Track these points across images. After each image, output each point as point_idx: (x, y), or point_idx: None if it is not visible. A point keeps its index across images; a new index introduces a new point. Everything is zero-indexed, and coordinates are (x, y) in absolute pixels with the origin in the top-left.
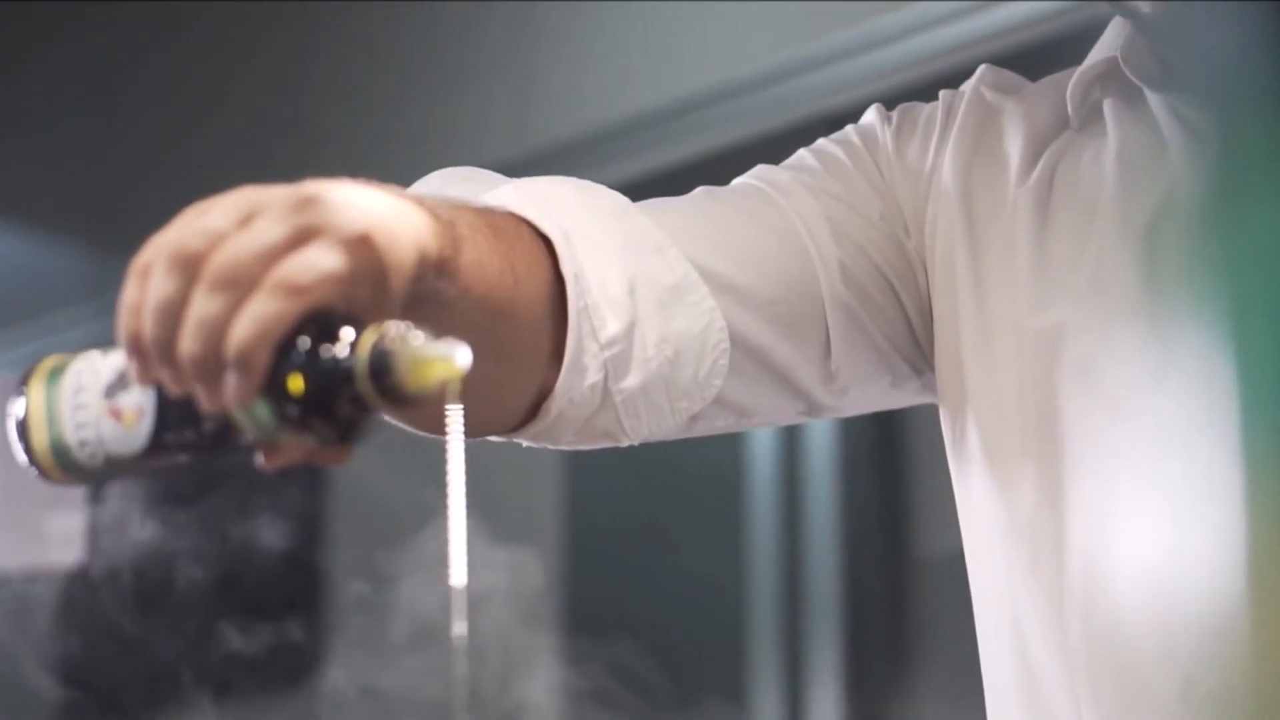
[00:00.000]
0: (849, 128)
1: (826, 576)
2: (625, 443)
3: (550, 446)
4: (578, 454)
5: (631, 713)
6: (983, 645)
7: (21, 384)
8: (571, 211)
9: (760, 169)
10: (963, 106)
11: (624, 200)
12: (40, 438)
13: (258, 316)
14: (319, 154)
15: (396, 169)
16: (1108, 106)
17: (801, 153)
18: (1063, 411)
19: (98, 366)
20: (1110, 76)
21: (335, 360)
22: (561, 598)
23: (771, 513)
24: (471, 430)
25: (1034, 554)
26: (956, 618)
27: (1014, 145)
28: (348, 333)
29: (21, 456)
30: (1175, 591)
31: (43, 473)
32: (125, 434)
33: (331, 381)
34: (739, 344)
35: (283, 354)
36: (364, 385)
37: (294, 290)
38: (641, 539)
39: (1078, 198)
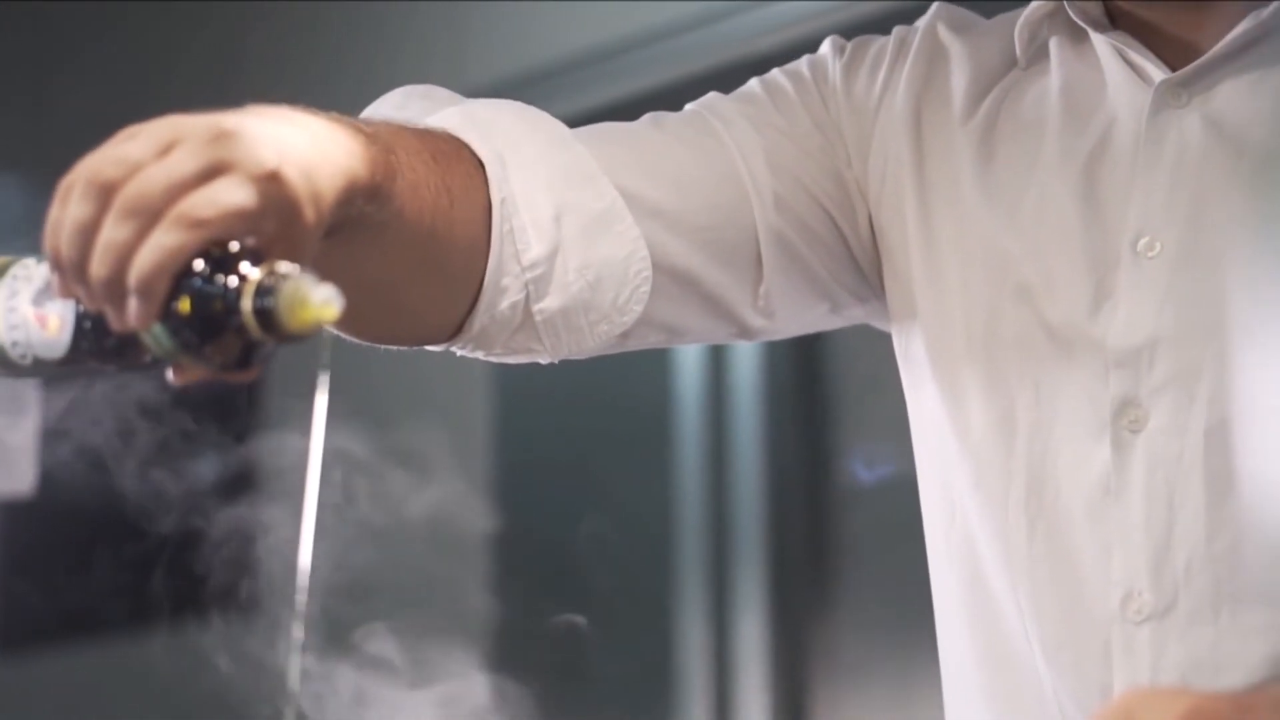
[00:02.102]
0: (803, 58)
1: (751, 505)
2: (546, 359)
3: (481, 357)
4: (507, 389)
5: (559, 641)
6: (932, 560)
7: None
8: (509, 136)
9: (710, 97)
10: (915, 42)
11: (563, 128)
12: None
13: (159, 246)
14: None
15: (337, 109)
16: (1053, 45)
17: (752, 82)
18: (1005, 335)
19: (31, 272)
20: (1056, 16)
21: (223, 293)
22: (490, 530)
23: (697, 443)
24: (408, 340)
25: (979, 470)
26: (877, 544)
27: (960, 84)
28: (243, 267)
29: None
30: (1114, 509)
31: None
32: (49, 340)
33: (219, 313)
34: (666, 269)
35: (182, 281)
36: (248, 319)
37: (195, 223)
38: (569, 470)
39: (1022, 132)
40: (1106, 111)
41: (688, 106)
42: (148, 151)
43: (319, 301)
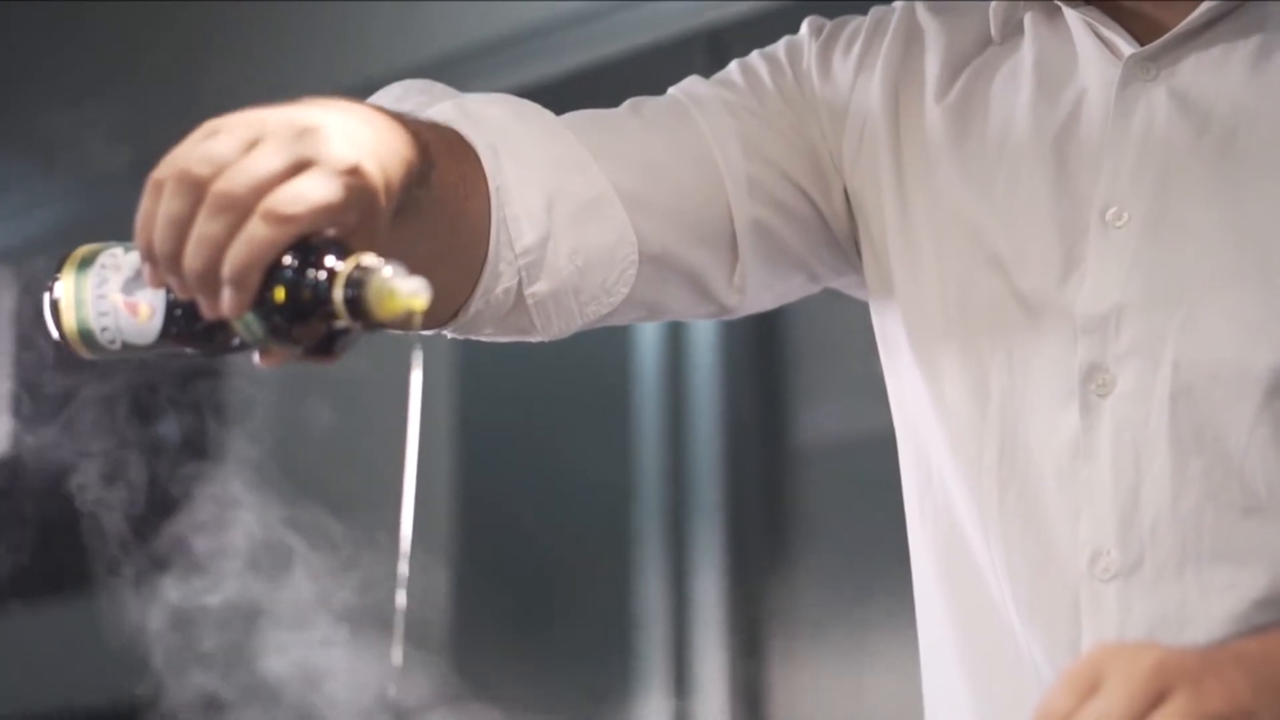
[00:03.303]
0: (782, 41)
1: (709, 466)
2: (537, 338)
3: (471, 338)
4: (468, 356)
5: (520, 602)
6: (910, 524)
7: (56, 270)
8: (502, 128)
9: (689, 81)
10: (893, 22)
11: (552, 117)
12: (70, 319)
13: (251, 240)
14: (203, 72)
15: (281, 85)
16: (1028, 20)
17: (732, 66)
18: (979, 305)
19: (120, 261)
20: None
21: (315, 284)
22: (453, 494)
23: (656, 405)
24: (419, 325)
25: (954, 435)
26: (832, 503)
27: (935, 63)
28: (330, 259)
29: (54, 333)
30: (1083, 471)
31: (70, 349)
32: (139, 327)
33: (311, 302)
34: (647, 252)
35: (273, 272)
36: (338, 308)
37: (285, 218)
38: (531, 432)
39: (996, 106)
40: (1078, 84)
41: (669, 91)
42: (234, 148)
43: (408, 292)
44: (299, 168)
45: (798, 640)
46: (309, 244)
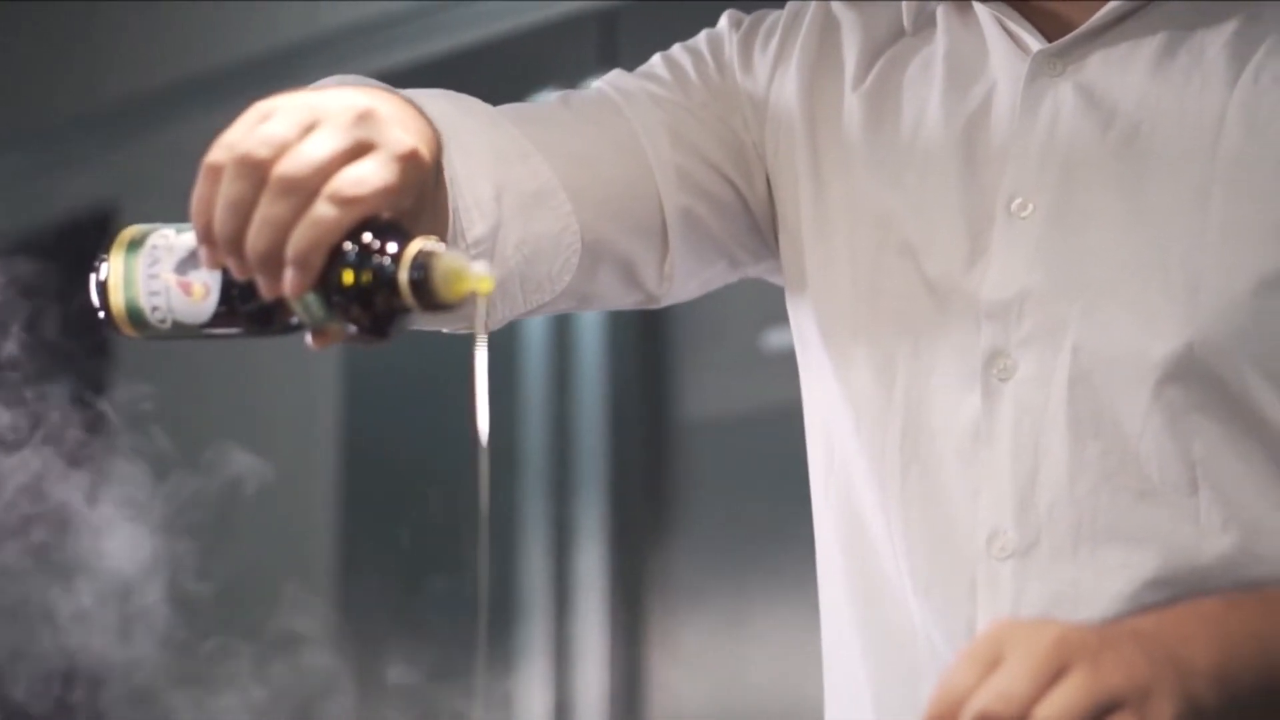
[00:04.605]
0: (701, 34)
1: (592, 437)
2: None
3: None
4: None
5: (402, 567)
6: (815, 502)
7: (103, 252)
8: (448, 119)
9: (614, 75)
10: (808, 16)
11: (491, 109)
12: (118, 299)
13: (317, 221)
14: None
15: (132, 73)
16: (940, 13)
17: (655, 59)
18: (888, 290)
19: (172, 242)
20: None
21: (381, 265)
22: (335, 458)
23: (541, 379)
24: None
25: (860, 416)
26: (713, 476)
27: (851, 53)
28: (392, 242)
29: (100, 314)
30: (983, 453)
31: (116, 328)
32: (192, 306)
33: (376, 284)
34: (585, 241)
35: (334, 253)
36: (404, 290)
37: (350, 201)
38: (414, 402)
39: (910, 96)
40: (988, 77)
41: (593, 84)
42: (292, 131)
43: (475, 275)
44: (360, 151)
45: (677, 611)
46: (369, 226)
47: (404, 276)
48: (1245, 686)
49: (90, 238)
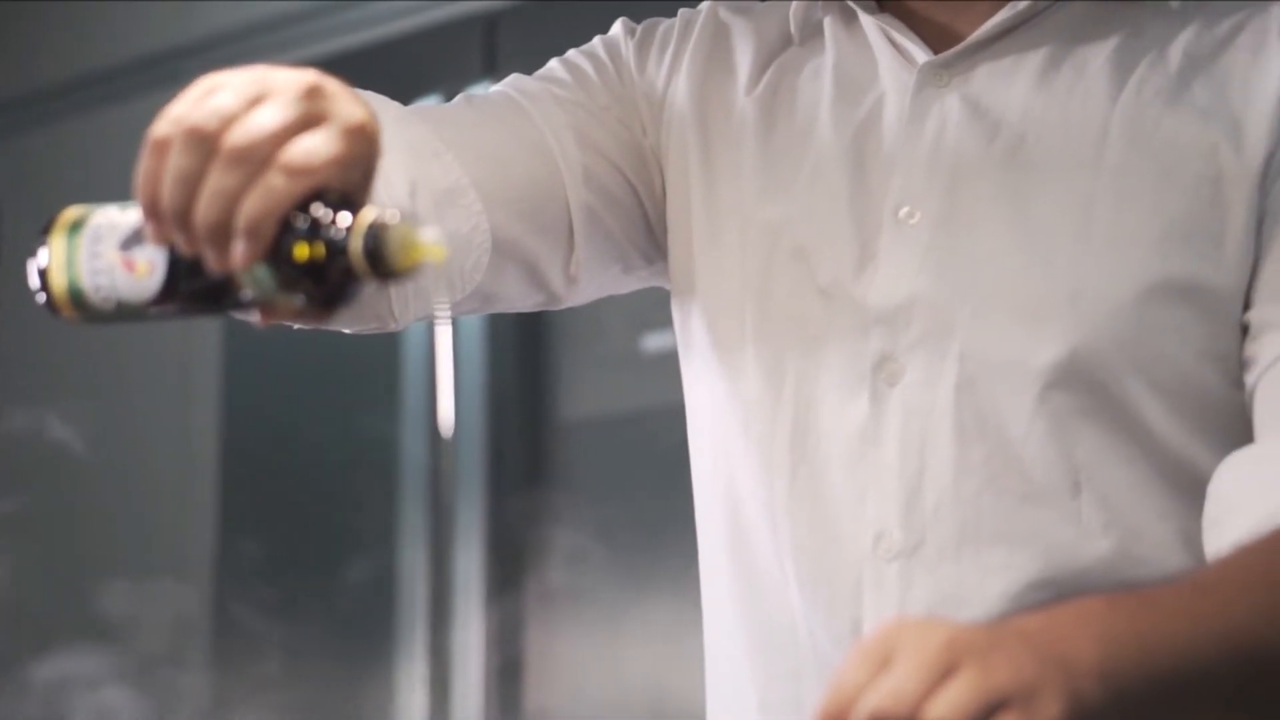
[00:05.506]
0: (596, 40)
1: (472, 437)
2: (393, 327)
3: (324, 328)
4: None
5: (281, 567)
6: (698, 503)
7: (43, 234)
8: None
9: (514, 78)
10: (699, 23)
11: (401, 106)
12: (59, 281)
13: (268, 191)
14: None
15: (14, 73)
16: (827, 25)
17: (553, 63)
18: (779, 294)
19: (116, 220)
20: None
21: (333, 236)
22: (215, 457)
23: (422, 378)
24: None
25: (748, 418)
26: (592, 476)
27: (744, 58)
28: (343, 212)
29: (41, 298)
30: (871, 455)
31: (58, 311)
32: (137, 284)
33: (329, 254)
34: (494, 241)
35: (284, 225)
36: (357, 259)
37: (301, 171)
38: (295, 399)
39: (799, 105)
40: (877, 88)
41: (494, 88)
42: (239, 103)
43: (428, 243)
44: (310, 123)
45: (555, 610)
46: (319, 197)
47: (357, 246)
48: (1129, 683)
49: None
